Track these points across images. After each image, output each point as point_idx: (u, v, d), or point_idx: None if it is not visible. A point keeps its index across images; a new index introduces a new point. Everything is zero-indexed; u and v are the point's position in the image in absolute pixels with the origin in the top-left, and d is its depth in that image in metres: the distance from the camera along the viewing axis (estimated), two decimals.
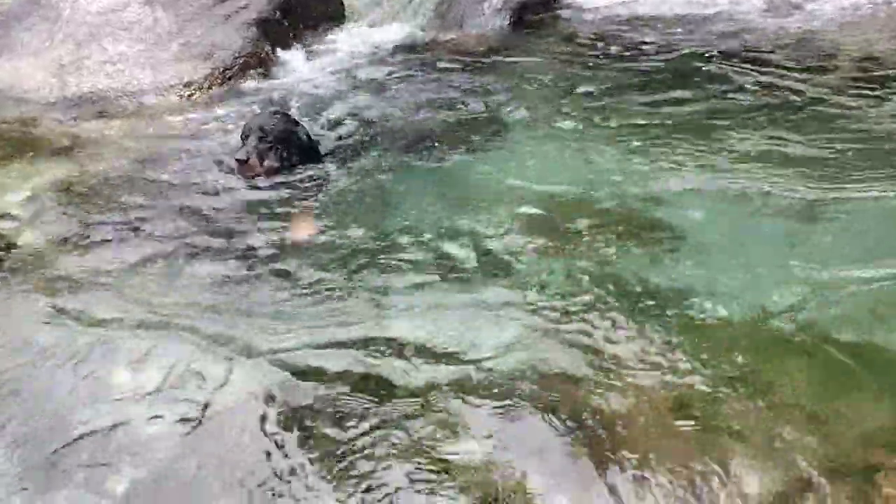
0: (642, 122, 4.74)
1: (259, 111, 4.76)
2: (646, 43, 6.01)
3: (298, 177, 4.34)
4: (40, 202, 4.19)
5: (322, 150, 4.60)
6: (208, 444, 2.60)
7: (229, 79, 5.69)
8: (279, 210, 4.07)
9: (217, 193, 4.27)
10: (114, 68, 5.64)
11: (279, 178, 4.31)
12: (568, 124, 4.79)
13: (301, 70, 5.93)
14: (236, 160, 4.33)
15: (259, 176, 4.31)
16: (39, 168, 4.64)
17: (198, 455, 2.56)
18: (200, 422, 2.68)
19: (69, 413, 2.75)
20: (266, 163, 4.31)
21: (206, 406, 2.73)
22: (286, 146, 4.37)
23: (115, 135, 5.05)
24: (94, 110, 5.40)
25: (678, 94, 5.12)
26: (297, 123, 4.55)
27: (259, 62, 5.87)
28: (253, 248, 3.72)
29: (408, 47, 6.29)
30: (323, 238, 3.78)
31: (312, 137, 4.56)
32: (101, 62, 5.66)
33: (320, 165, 4.45)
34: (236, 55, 5.79)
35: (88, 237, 3.87)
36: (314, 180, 4.33)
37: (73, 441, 2.64)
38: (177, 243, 3.77)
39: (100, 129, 5.16)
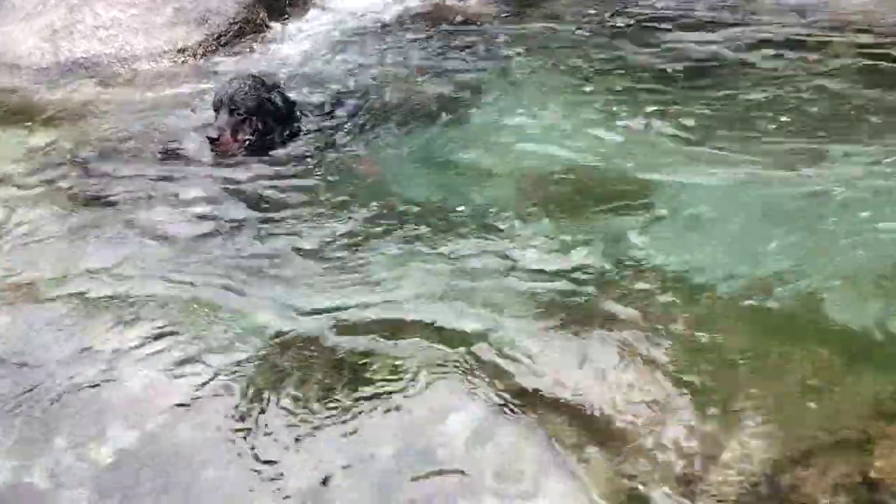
0: (649, 90, 4.61)
1: (231, 78, 4.41)
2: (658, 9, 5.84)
3: (282, 152, 4.17)
4: (29, 171, 4.16)
5: (314, 119, 4.42)
6: None
7: (224, 45, 5.59)
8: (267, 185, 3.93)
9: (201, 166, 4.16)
10: (107, 33, 5.54)
11: (258, 153, 4.11)
12: (574, 92, 4.66)
13: (297, 36, 5.82)
14: (208, 138, 4.05)
15: (235, 154, 4.07)
16: (31, 136, 4.59)
17: None
18: None
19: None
20: (240, 136, 4.07)
21: None
22: (261, 116, 4.11)
23: (108, 102, 4.98)
24: (86, 76, 5.32)
25: (691, 62, 4.96)
26: (271, 88, 4.27)
27: (254, 28, 5.76)
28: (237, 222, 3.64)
29: (408, 12, 6.15)
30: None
31: (290, 100, 4.33)
32: (94, 27, 5.57)
33: (301, 133, 4.26)
34: (231, 21, 5.69)
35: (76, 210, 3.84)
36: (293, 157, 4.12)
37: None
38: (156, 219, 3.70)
39: (92, 96, 5.10)
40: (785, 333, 2.73)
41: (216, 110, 4.10)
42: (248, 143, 4.08)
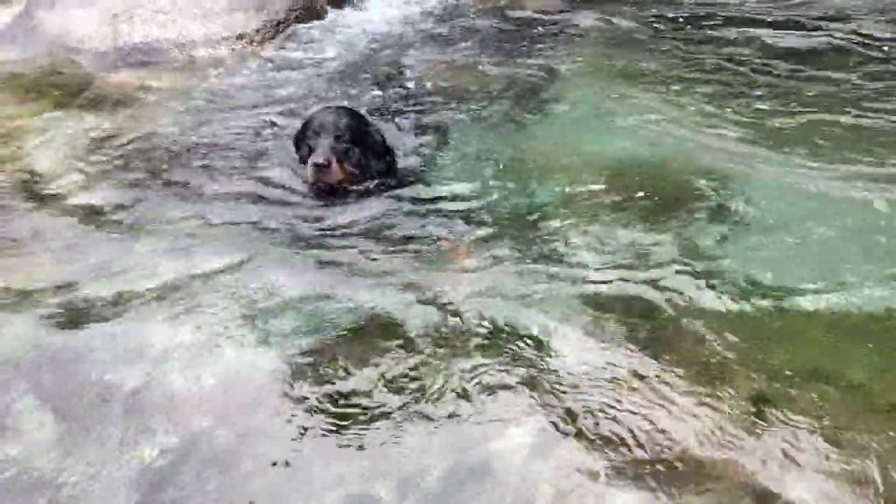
0: (717, 84, 4.47)
1: (326, 105, 4.08)
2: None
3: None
4: (81, 154, 4.10)
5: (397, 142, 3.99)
6: None
7: (282, 32, 5.50)
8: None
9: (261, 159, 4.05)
10: (165, 18, 5.48)
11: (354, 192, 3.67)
12: (638, 87, 4.51)
13: (357, 24, 5.71)
14: (314, 164, 3.55)
15: (337, 184, 3.62)
16: (86, 119, 4.55)
17: None
18: None
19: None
20: (345, 166, 3.62)
21: None
22: (363, 148, 3.70)
23: (164, 88, 4.93)
24: (144, 61, 5.29)
25: (757, 55, 4.80)
26: (367, 122, 3.88)
27: (313, 14, 5.68)
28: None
29: (467, 5, 5.99)
30: None
31: (382, 133, 3.88)
32: (153, 12, 5.51)
33: (394, 169, 3.82)
34: (290, 7, 5.60)
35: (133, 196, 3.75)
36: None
37: None
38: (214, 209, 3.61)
39: (149, 81, 5.05)
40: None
41: (316, 134, 3.66)
42: (353, 177, 3.66)
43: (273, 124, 4.40)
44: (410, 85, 4.75)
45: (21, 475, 2.32)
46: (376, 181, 3.70)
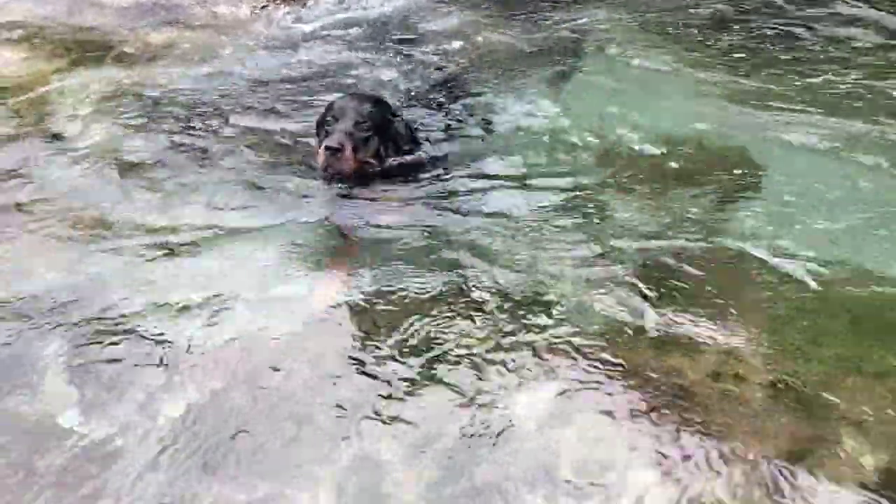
0: (756, 54, 4.42)
1: (353, 91, 3.87)
2: None
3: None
4: (103, 110, 4.13)
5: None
6: None
7: None
8: None
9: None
10: None
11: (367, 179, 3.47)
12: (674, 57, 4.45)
13: None
14: (326, 148, 3.36)
15: (348, 173, 3.41)
16: (108, 75, 4.56)
17: None
18: None
19: None
20: (360, 155, 3.41)
21: None
22: (384, 140, 3.48)
23: (185, 45, 4.96)
24: (167, 18, 5.31)
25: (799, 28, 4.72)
26: (394, 113, 3.66)
27: None
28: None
29: None
30: None
31: (412, 128, 3.67)
32: None
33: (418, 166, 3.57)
34: None
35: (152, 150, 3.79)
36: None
37: None
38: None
39: (171, 38, 5.08)
40: None
41: (336, 119, 3.46)
42: (366, 165, 3.45)
43: (297, 82, 4.42)
44: (437, 49, 4.72)
45: None
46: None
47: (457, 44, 4.81)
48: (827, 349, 2.50)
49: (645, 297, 2.72)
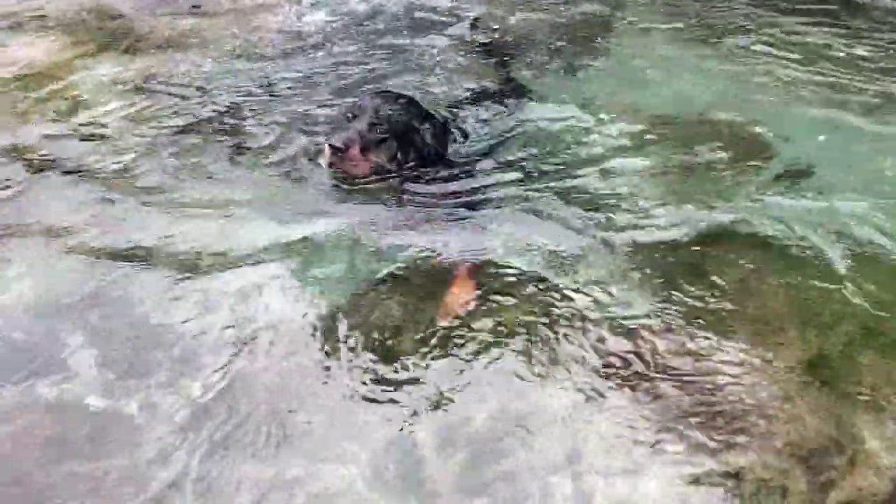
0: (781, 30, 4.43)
1: (384, 90, 3.66)
2: None
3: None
4: (127, 98, 4.13)
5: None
6: None
7: None
8: None
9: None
10: None
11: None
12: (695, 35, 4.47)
13: None
14: (329, 146, 3.14)
15: (354, 176, 3.20)
16: (133, 63, 4.56)
17: None
18: None
19: None
20: (371, 157, 3.18)
21: None
22: (403, 146, 3.23)
23: (209, 32, 4.95)
24: (190, 4, 5.32)
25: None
26: (427, 117, 3.36)
27: None
28: None
29: None
30: None
31: (443, 133, 3.40)
32: None
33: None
34: None
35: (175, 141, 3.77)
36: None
37: None
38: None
39: (195, 25, 5.08)
40: None
41: (354, 116, 3.24)
42: (377, 169, 3.21)
43: (319, 71, 4.40)
44: (463, 36, 4.70)
45: None
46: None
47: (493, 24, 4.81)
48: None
49: (673, 285, 2.70)
